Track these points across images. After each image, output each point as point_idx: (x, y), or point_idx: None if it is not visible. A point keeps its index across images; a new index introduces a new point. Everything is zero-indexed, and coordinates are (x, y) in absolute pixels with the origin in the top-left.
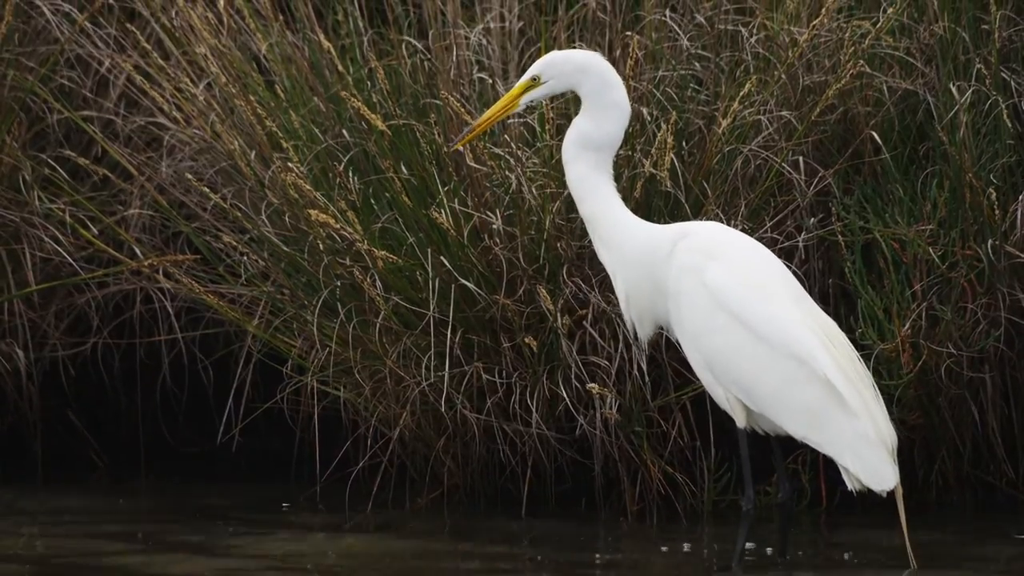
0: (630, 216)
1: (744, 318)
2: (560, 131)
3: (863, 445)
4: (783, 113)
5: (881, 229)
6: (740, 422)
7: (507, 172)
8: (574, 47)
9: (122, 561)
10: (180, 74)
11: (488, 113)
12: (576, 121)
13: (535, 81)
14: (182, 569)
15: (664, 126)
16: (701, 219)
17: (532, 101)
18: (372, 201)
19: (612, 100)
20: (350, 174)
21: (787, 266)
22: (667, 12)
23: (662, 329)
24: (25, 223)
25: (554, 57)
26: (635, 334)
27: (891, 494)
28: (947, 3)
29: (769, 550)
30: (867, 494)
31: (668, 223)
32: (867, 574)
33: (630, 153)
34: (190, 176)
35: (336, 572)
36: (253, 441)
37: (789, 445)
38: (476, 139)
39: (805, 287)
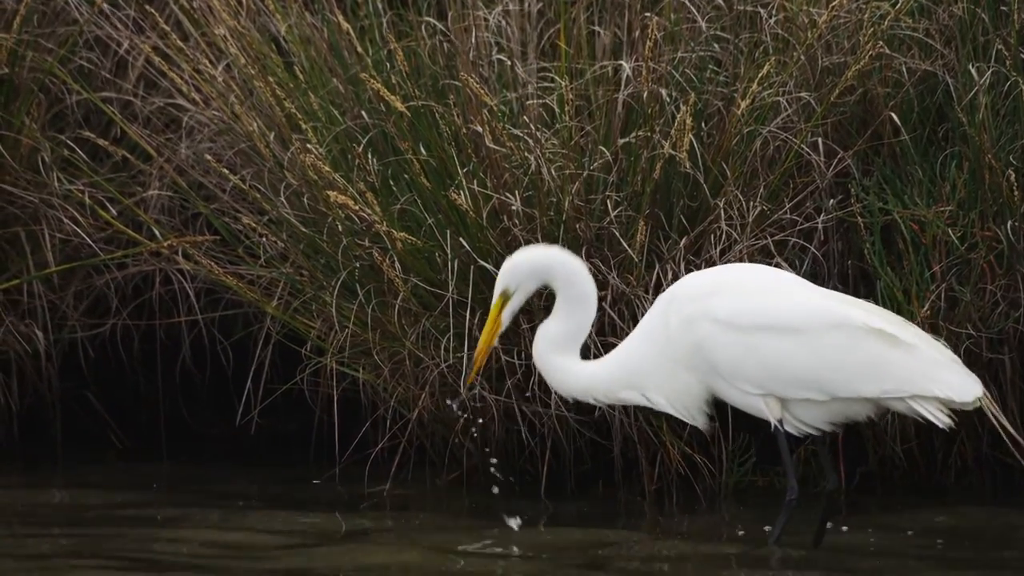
0: (611, 367)
1: (770, 326)
2: (579, 113)
3: (938, 368)
4: (802, 94)
5: (900, 210)
6: (776, 418)
7: (526, 153)
8: (593, 29)
9: (141, 538)
10: (199, 55)
11: (480, 346)
12: (543, 326)
13: (506, 295)
14: (200, 549)
15: (683, 107)
16: (720, 200)
17: (514, 311)
18: (391, 182)
19: (580, 292)
20: (369, 155)
21: (802, 247)
22: None
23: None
24: (44, 204)
25: (514, 264)
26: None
27: (982, 403)
28: None
29: (767, 528)
30: (953, 426)
31: (686, 206)
32: (890, 559)
33: (649, 134)
34: (209, 157)
35: (354, 551)
36: (272, 422)
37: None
38: (495, 119)
39: (824, 269)
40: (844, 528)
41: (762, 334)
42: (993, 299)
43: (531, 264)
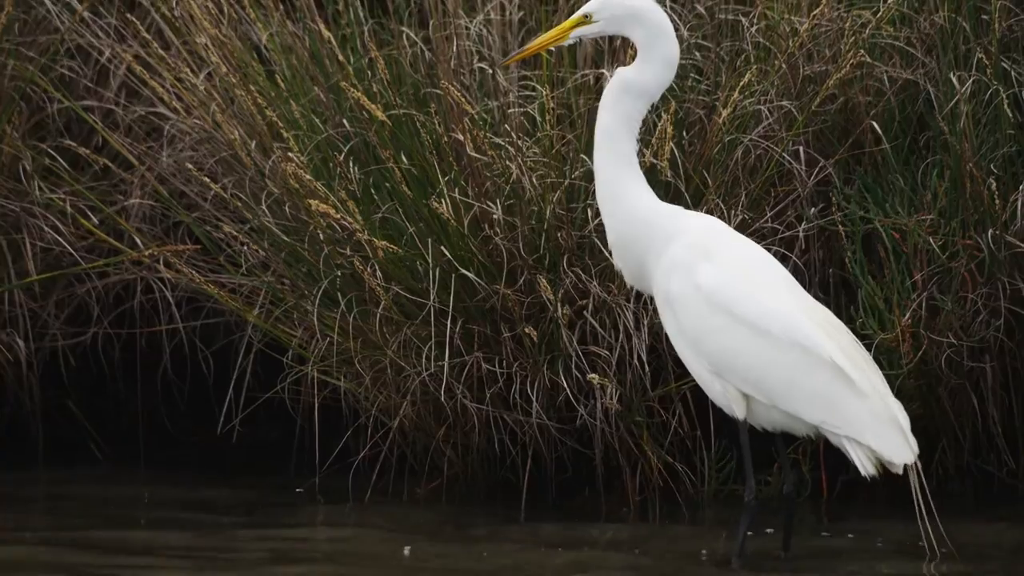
0: (640, 187)
1: (742, 316)
2: (560, 121)
3: (879, 423)
4: (783, 103)
5: (881, 219)
6: (739, 414)
7: (507, 162)
8: None
9: (122, 547)
10: (180, 64)
11: (538, 40)
12: (620, 70)
13: (587, 19)
14: (181, 562)
15: (664, 116)
16: (701, 210)
17: (582, 37)
18: (372, 191)
19: (662, 53)
20: (350, 164)
21: (785, 256)
22: (668, 2)
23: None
24: (25, 213)
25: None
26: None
27: (908, 470)
28: None
29: (770, 530)
30: (878, 478)
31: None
32: (869, 565)
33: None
34: (190, 166)
35: (334, 560)
36: (254, 431)
37: (790, 439)
38: (476, 127)
39: (805, 278)
40: (824, 533)
41: (730, 319)
42: (974, 308)
43: (626, 5)
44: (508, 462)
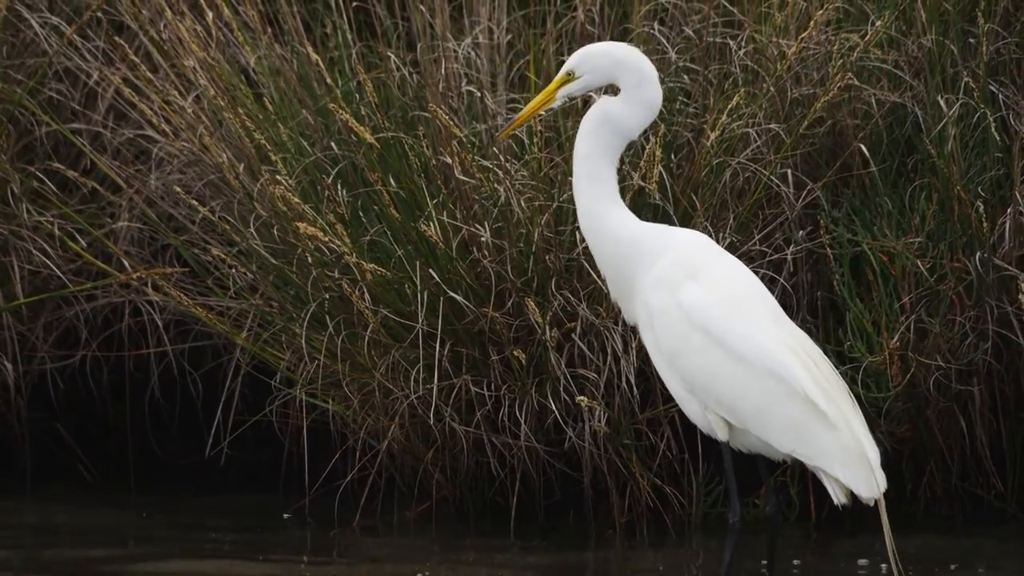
0: (621, 212)
1: (720, 338)
2: (548, 144)
3: (848, 456)
4: (771, 126)
5: (869, 242)
6: (722, 436)
7: (496, 185)
8: (562, 60)
9: (111, 571)
10: (168, 87)
11: (527, 108)
12: (604, 100)
13: (571, 76)
14: None
15: (652, 139)
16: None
17: (570, 95)
18: (360, 214)
19: (645, 98)
20: (338, 187)
21: (773, 279)
22: (655, 25)
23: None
24: (13, 235)
25: (589, 51)
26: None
27: (876, 503)
28: (935, 16)
29: (763, 564)
30: (852, 506)
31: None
32: None
33: (619, 165)
34: (178, 189)
35: None
36: (242, 454)
37: (773, 462)
38: (464, 150)
39: (793, 300)
40: (796, 561)
41: (707, 339)
42: (962, 330)
43: (608, 55)
44: (497, 485)
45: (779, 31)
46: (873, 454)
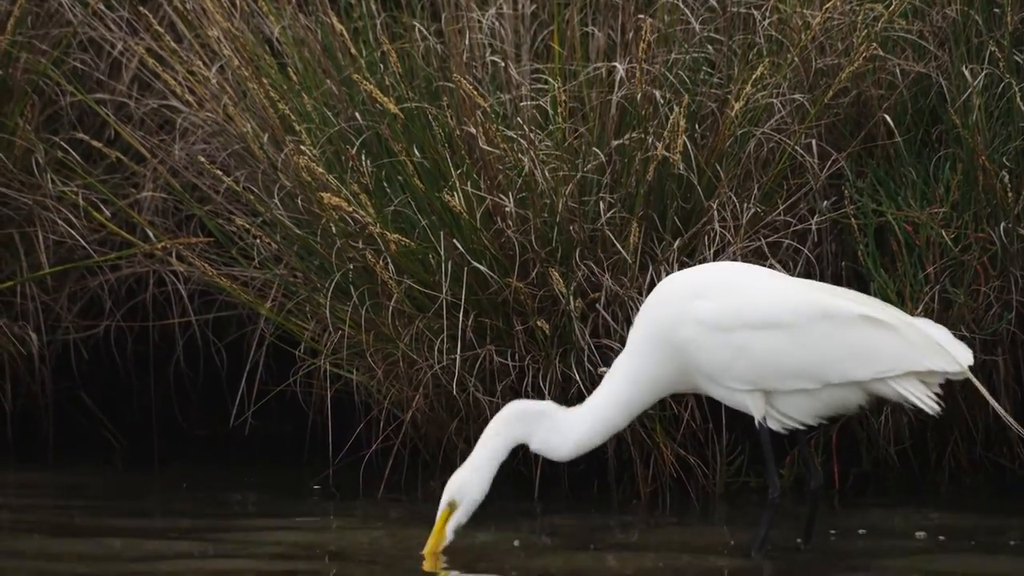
0: (579, 422)
1: (756, 321)
2: (572, 114)
3: (925, 342)
4: (796, 96)
5: (894, 212)
6: (759, 414)
7: (520, 155)
8: (587, 30)
9: (134, 539)
10: (193, 57)
11: (427, 548)
12: (534, 406)
13: (452, 506)
14: (195, 555)
15: (677, 109)
16: (713, 201)
17: (459, 525)
18: (385, 184)
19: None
20: (363, 157)
21: (797, 249)
22: None
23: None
24: (38, 206)
25: (460, 478)
26: None
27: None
28: None
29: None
30: (942, 411)
31: (680, 207)
32: (883, 556)
33: (643, 136)
34: (203, 159)
35: (346, 555)
36: (266, 424)
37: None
38: (489, 120)
39: (817, 271)
40: (832, 531)
41: (749, 332)
42: (987, 301)
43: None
44: (520, 455)
45: (803, 1)
46: (942, 334)
